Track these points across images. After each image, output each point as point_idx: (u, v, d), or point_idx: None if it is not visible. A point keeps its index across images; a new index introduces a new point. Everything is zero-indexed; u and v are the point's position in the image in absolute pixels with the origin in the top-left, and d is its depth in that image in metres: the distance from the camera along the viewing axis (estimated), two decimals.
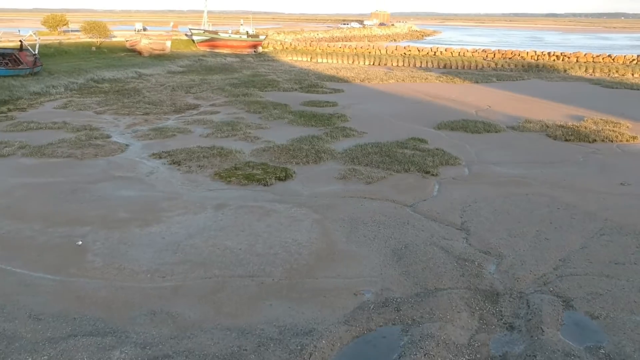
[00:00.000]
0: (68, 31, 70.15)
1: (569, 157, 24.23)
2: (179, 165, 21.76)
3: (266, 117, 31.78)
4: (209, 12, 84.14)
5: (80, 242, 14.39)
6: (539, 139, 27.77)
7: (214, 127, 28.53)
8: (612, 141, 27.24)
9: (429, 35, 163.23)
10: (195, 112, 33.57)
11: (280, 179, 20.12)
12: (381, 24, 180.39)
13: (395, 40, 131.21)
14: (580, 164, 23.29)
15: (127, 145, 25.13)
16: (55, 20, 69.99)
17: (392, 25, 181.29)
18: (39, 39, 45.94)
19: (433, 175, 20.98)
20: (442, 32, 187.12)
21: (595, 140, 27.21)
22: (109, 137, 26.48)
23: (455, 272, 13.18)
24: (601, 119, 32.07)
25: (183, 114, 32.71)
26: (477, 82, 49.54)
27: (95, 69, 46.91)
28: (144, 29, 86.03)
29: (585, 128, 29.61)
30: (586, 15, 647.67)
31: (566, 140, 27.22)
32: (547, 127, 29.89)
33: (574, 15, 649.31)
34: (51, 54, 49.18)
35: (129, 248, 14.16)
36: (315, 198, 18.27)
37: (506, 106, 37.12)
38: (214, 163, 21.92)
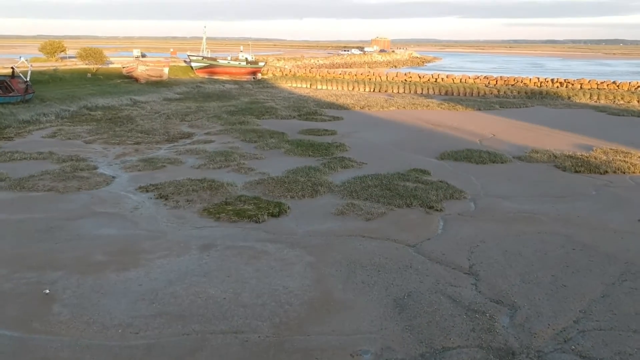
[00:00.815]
0: (66, 57, 69.64)
1: (580, 190, 22.89)
2: (166, 199, 20.44)
3: (262, 146, 30.58)
4: (212, 39, 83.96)
5: (48, 291, 12.98)
6: (547, 170, 26.45)
7: (206, 158, 27.29)
8: (624, 172, 25.91)
9: (429, 61, 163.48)
10: (189, 141, 32.39)
11: (273, 215, 18.78)
12: (382, 51, 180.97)
13: (395, 66, 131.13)
14: (593, 198, 21.92)
15: (113, 177, 23.85)
16: (52, 47, 69.52)
17: (393, 51, 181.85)
18: (31, 65, 45.10)
19: (437, 210, 19.62)
20: (442, 58, 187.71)
21: (606, 171, 25.88)
22: (95, 168, 25.22)
23: (465, 326, 11.73)
24: (611, 149, 30.80)
25: (176, 143, 31.52)
26: (479, 110, 48.47)
27: (89, 96, 45.94)
28: (143, 56, 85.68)
29: (595, 158, 28.32)
30: (585, 41, 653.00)
31: (576, 171, 25.90)
32: (556, 157, 28.61)
33: (573, 41, 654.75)
34: (45, 80, 48.31)
35: (102, 297, 12.74)
36: (310, 237, 16.89)
37: (511, 135, 35.92)
38: (203, 197, 20.60)
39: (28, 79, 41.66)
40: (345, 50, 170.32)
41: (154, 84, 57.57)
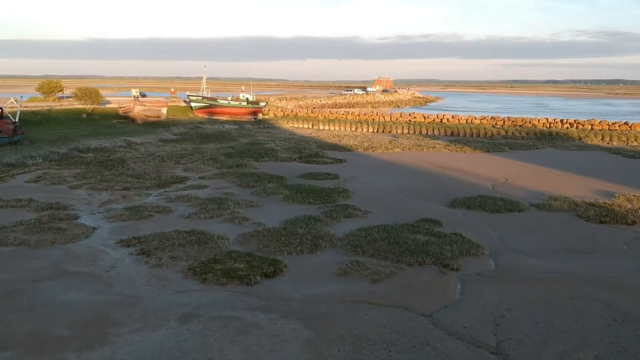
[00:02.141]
0: (63, 97, 68.42)
1: (609, 244, 20.61)
2: (149, 256, 18.24)
3: (259, 192, 28.49)
4: (215, 79, 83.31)
5: None
6: (569, 220, 24.22)
7: (198, 206, 25.17)
8: None
9: (431, 101, 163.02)
10: (181, 186, 30.35)
11: (267, 276, 16.54)
12: (384, 91, 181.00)
13: (398, 106, 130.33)
14: (625, 253, 19.63)
15: (94, 228, 21.70)
16: (50, 87, 68.39)
17: (395, 91, 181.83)
18: (21, 106, 43.56)
19: (453, 269, 17.35)
20: (444, 98, 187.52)
21: (634, 222, 23.64)
22: (76, 217, 23.10)
23: None
24: (634, 196, 28.57)
25: (167, 189, 29.46)
26: (488, 151, 46.52)
27: (82, 137, 44.22)
28: (143, 95, 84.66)
29: (620, 207, 26.09)
30: (585, 81, 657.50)
31: (601, 222, 23.65)
32: (576, 205, 26.40)
33: (574, 81, 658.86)
34: (38, 121, 46.75)
35: None
36: (309, 304, 14.61)
37: (524, 179, 33.82)
38: (189, 254, 18.37)
39: (17, 120, 40.01)
40: (347, 90, 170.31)
41: (151, 125, 55.98)
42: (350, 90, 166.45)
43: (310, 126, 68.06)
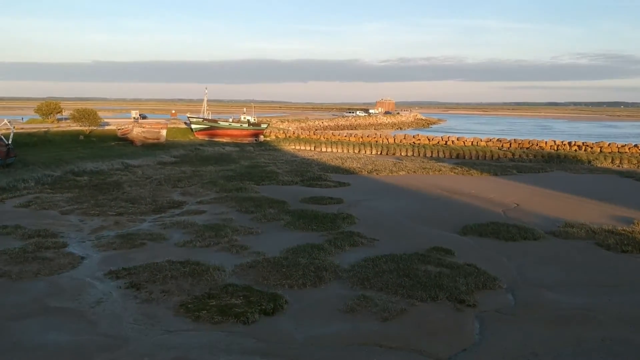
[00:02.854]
0: (62, 119, 67.40)
1: (636, 277, 19.15)
2: (138, 289, 16.82)
3: (259, 218, 27.11)
4: (218, 101, 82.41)
5: None
6: (588, 249, 22.75)
7: (194, 233, 23.78)
8: None
9: (434, 123, 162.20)
10: (178, 211, 28.99)
11: (266, 313, 15.11)
12: (386, 112, 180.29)
13: (401, 128, 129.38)
14: None
15: (82, 258, 20.31)
16: (48, 108, 67.36)
17: (398, 113, 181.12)
18: (14, 127, 42.41)
19: (469, 305, 15.90)
20: (446, 120, 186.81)
21: None
22: (64, 246, 21.73)
23: None
24: None
25: (163, 214, 28.12)
26: (496, 175, 45.15)
27: (78, 159, 42.99)
28: (144, 117, 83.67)
29: None
30: (586, 104, 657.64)
31: (623, 251, 22.18)
32: (594, 232, 24.95)
33: (574, 104, 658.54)
34: (33, 143, 45.58)
35: None
36: (312, 347, 13.16)
37: (536, 204, 32.40)
38: (182, 287, 16.94)
39: (10, 142, 38.82)
40: (349, 112, 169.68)
41: (150, 147, 54.78)
42: (353, 112, 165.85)
43: (312, 148, 66.92)
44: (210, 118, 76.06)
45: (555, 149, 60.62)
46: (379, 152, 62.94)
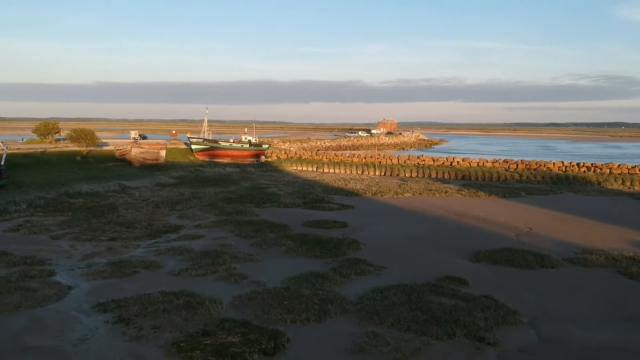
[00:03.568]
0: (60, 139, 66.37)
1: None
2: (127, 324, 15.39)
3: (259, 243, 25.74)
4: (219, 121, 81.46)
5: None
6: (611, 278, 21.31)
7: (190, 260, 22.39)
8: None
9: (436, 143, 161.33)
10: (174, 236, 27.63)
11: (266, 353, 13.69)
12: (388, 133, 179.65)
13: (403, 148, 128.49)
14: None
15: (69, 288, 18.91)
16: (46, 128, 66.39)
17: (400, 134, 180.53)
18: (7, 148, 41.28)
19: (490, 344, 14.46)
20: (448, 140, 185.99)
21: None
22: (51, 274, 20.34)
23: None
24: None
25: (158, 239, 26.76)
26: (504, 197, 43.76)
27: (74, 181, 41.72)
28: (144, 137, 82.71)
29: None
30: (587, 124, 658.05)
31: None
32: (615, 259, 23.53)
33: (575, 124, 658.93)
34: (29, 164, 44.37)
35: None
36: None
37: (549, 228, 30.99)
38: (175, 322, 15.51)
39: (2, 163, 37.62)
40: (351, 133, 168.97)
41: (148, 168, 53.56)
42: (355, 133, 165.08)
43: (314, 169, 65.71)
44: (210, 138, 74.99)
45: (564, 170, 59.26)
46: (382, 173, 61.68)
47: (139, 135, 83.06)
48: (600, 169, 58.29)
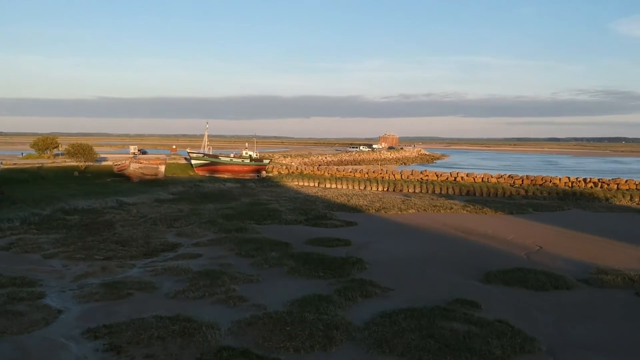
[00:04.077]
0: (59, 154, 65.55)
1: None
2: (118, 353, 14.36)
3: (260, 263, 24.71)
4: (220, 136, 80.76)
5: None
6: (630, 300, 20.26)
7: (188, 280, 21.37)
8: None
9: (438, 158, 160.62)
10: (172, 254, 26.62)
11: None
12: (390, 148, 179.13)
13: (405, 163, 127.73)
14: None
15: (59, 311, 17.87)
16: (45, 143, 65.62)
17: (401, 148, 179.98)
18: (2, 163, 40.44)
19: None
20: (450, 155, 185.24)
21: None
22: (40, 296, 19.30)
23: None
24: None
25: (155, 258, 25.75)
26: (511, 213, 42.73)
27: (70, 197, 40.76)
28: (143, 152, 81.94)
29: None
30: (587, 139, 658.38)
31: None
32: (632, 280, 22.48)
33: (575, 139, 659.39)
34: (24, 179, 43.44)
35: None
36: None
37: (560, 246, 29.96)
38: (170, 351, 14.46)
39: None
40: (353, 147, 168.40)
41: (147, 183, 52.60)
42: (356, 148, 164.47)
43: (316, 184, 64.78)
44: (210, 153, 74.19)
45: (570, 185, 58.19)
46: (385, 189, 60.73)
47: (139, 150, 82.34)
48: (608, 184, 57.26)
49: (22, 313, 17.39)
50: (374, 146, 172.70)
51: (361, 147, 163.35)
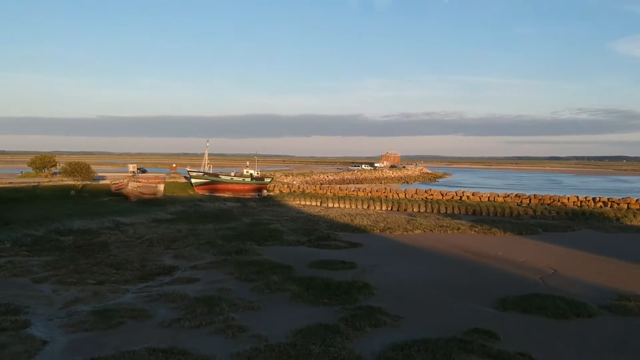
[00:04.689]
0: (57, 173, 64.43)
1: None
2: None
3: (261, 288, 23.36)
4: (222, 155, 79.58)
5: None
6: None
7: (184, 308, 20.02)
8: None
9: (440, 177, 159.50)
10: (168, 278, 25.29)
11: None
12: (392, 166, 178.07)
13: (407, 182, 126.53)
14: None
15: (44, 343, 16.53)
16: (42, 162, 64.60)
17: (404, 167, 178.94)
18: None
19: None
20: (452, 174, 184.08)
21: None
22: (25, 326, 17.99)
23: None
24: None
25: (150, 282, 24.44)
26: (520, 234, 41.34)
27: (65, 217, 39.51)
28: (143, 171, 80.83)
29: None
30: (588, 158, 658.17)
31: None
32: None
33: (576, 158, 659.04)
34: (19, 199, 42.26)
35: None
36: None
37: (575, 269, 28.60)
38: None
39: None
40: (355, 166, 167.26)
41: (145, 203, 51.33)
42: (358, 166, 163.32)
43: (318, 203, 63.50)
44: (211, 172, 73.01)
45: (579, 205, 56.84)
46: (389, 208, 59.42)
47: (138, 169, 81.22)
48: (618, 204, 55.89)
49: (4, 345, 16.08)
50: (376, 165, 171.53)
51: (363, 166, 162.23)
